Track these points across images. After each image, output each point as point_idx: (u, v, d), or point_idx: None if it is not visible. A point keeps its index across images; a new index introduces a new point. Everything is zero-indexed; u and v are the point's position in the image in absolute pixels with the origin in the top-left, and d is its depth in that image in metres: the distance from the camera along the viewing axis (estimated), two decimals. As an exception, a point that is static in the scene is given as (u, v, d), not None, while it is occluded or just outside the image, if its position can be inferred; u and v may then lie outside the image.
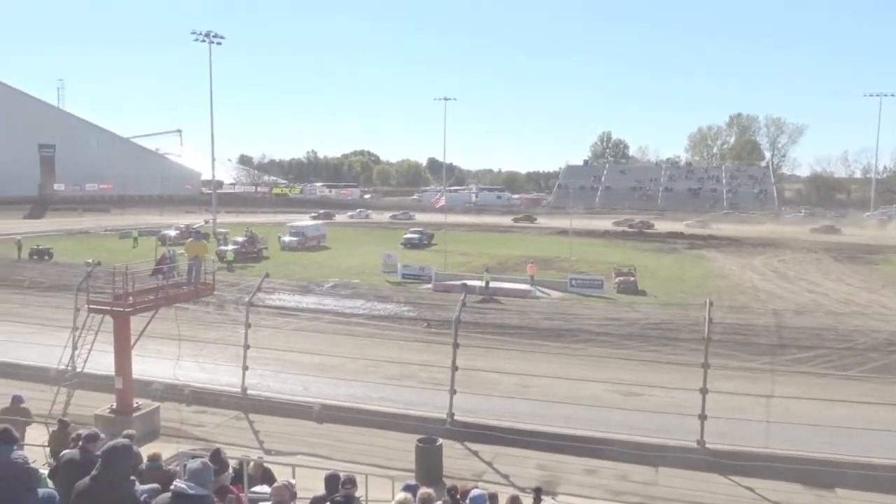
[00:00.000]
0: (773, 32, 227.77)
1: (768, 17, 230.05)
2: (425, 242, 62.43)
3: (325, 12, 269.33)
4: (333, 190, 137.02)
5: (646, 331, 29.72)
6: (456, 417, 17.24)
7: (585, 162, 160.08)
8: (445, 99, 77.00)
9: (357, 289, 39.02)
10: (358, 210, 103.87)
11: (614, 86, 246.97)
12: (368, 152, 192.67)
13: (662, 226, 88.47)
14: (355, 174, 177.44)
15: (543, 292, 39.70)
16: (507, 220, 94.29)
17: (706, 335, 16.01)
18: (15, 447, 6.02)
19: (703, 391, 15.45)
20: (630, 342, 27.47)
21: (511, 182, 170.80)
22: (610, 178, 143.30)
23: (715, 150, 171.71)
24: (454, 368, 17.29)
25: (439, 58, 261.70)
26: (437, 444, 14.97)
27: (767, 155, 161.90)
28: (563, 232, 65.72)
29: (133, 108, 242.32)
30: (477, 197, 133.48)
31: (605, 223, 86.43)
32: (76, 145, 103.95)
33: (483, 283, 37.96)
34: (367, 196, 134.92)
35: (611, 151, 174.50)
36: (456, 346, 17.47)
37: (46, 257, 48.67)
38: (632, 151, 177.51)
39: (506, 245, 64.50)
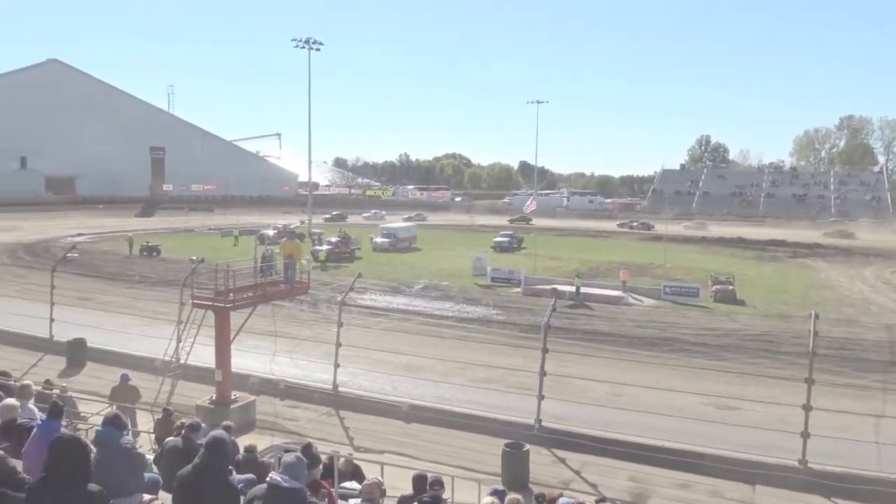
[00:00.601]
0: (888, 27, 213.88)
1: (884, 9, 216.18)
2: (515, 246, 62.17)
3: (419, 18, 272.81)
4: (425, 192, 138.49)
5: (744, 342, 28.49)
6: (544, 423, 17.06)
7: (682, 166, 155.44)
8: (538, 102, 76.41)
9: (447, 291, 39.23)
10: (373, 211, 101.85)
11: (714, 88, 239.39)
12: (460, 155, 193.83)
13: (765, 232, 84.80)
14: (447, 177, 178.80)
15: (636, 299, 38.74)
16: (601, 225, 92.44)
17: (811, 349, 15.21)
18: (125, 432, 6.37)
19: (807, 408, 14.69)
20: (727, 353, 26.41)
21: (604, 186, 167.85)
22: (708, 183, 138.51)
23: (823, 155, 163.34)
24: (543, 374, 17.13)
25: (532, 61, 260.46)
26: (524, 449, 14.85)
27: (881, 159, 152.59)
28: (658, 237, 64.00)
29: (236, 112, 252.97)
30: (568, 201, 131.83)
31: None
32: (184, 148, 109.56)
33: (573, 289, 37.43)
34: (457, 199, 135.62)
35: (709, 156, 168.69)
36: (545, 351, 17.31)
37: (155, 254, 51.44)
38: (732, 156, 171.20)
39: (597, 250, 63.39)
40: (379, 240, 59.48)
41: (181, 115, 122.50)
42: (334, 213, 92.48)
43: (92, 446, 4.08)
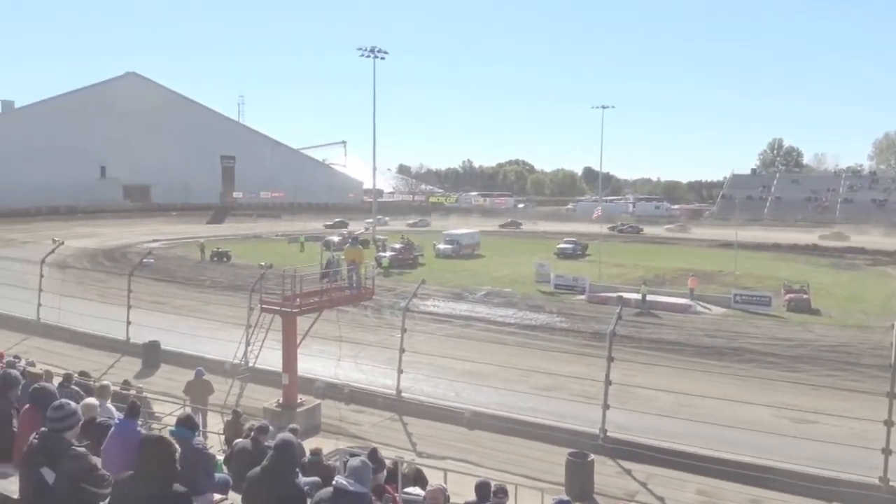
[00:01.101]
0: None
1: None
2: (579, 253, 61.45)
3: (481, 25, 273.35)
4: (488, 199, 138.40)
5: (819, 353, 27.43)
6: (609, 433, 16.79)
7: (753, 171, 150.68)
8: (603, 107, 75.16)
9: (509, 297, 39.10)
10: (378, 217, 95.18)
11: (787, 90, 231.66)
12: (523, 161, 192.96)
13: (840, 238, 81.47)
14: (510, 183, 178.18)
15: (704, 307, 37.76)
16: (667, 232, 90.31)
17: (893, 361, 14.51)
18: (197, 433, 6.56)
19: (888, 423, 14.02)
20: (801, 365, 25.49)
21: (671, 192, 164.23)
22: (780, 188, 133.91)
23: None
24: (608, 382, 16.87)
25: (597, 65, 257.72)
26: (589, 459, 14.65)
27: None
28: (728, 244, 62.22)
29: (303, 120, 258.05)
30: (634, 207, 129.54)
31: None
32: (253, 157, 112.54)
33: (639, 296, 36.77)
34: (520, 205, 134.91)
35: (782, 160, 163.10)
36: (610, 359, 17.05)
37: (225, 259, 52.92)
38: (806, 160, 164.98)
39: (664, 257, 62.09)
40: (442, 246, 59.70)
41: (251, 124, 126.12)
42: (336, 220, 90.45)
43: (177, 447, 4.22)
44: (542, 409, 18.87)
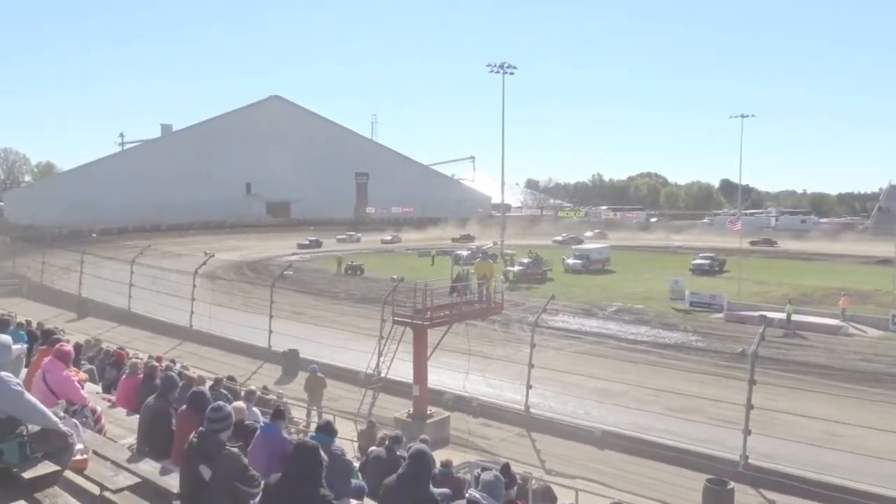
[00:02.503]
0: None
1: None
2: (716, 269, 58.58)
3: (609, 36, 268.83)
4: (618, 213, 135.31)
5: None
6: (750, 460, 15.90)
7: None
8: (742, 116, 71.52)
9: (641, 314, 37.93)
10: (347, 234, 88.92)
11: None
12: (655, 174, 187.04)
13: None
14: (641, 197, 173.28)
15: (858, 329, 34.91)
16: (815, 247, 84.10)
17: None
18: (335, 439, 6.82)
19: None
20: (973, 395, 22.99)
21: (818, 204, 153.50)
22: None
23: None
24: (749, 406, 16.01)
25: (734, 74, 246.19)
26: (729, 487, 13.92)
27: None
28: (885, 261, 57.25)
29: (432, 136, 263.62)
30: (777, 221, 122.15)
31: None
32: (385, 173, 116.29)
33: (784, 316, 34.56)
34: (653, 219, 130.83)
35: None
36: (752, 382, 16.18)
37: (359, 272, 54.87)
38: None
39: (811, 274, 57.96)
40: (571, 261, 58.87)
41: (383, 141, 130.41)
42: (310, 239, 78.11)
43: (324, 455, 4.42)
44: (676, 431, 18.14)
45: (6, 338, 5.41)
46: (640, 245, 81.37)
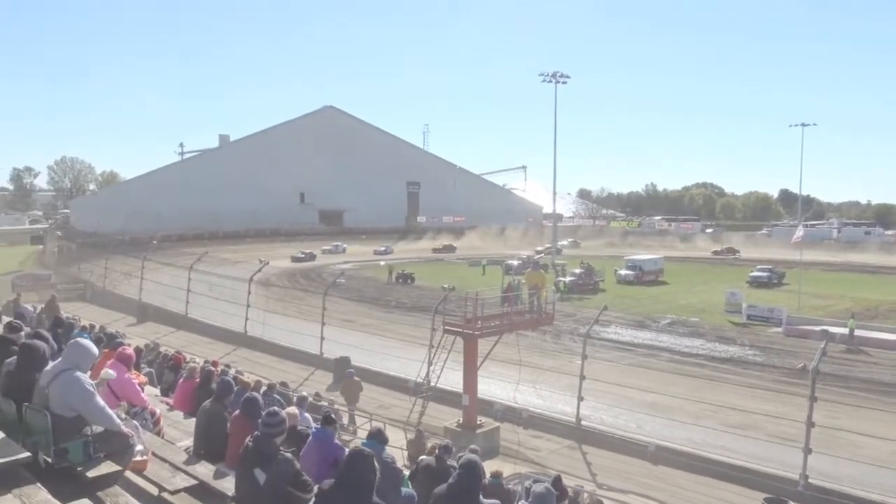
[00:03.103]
0: None
1: None
2: (775, 281, 57.00)
3: (664, 44, 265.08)
4: (672, 223, 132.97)
5: None
6: (810, 480, 15.35)
7: None
8: (803, 125, 69.78)
9: (696, 327, 37.15)
10: (334, 244, 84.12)
11: None
12: (711, 184, 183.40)
13: None
14: (696, 207, 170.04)
15: (926, 346, 33.46)
16: (882, 259, 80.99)
17: None
18: (386, 447, 6.84)
19: None
20: None
21: (884, 216, 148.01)
22: None
23: None
24: (810, 424, 15.48)
25: (794, 82, 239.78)
26: (788, 507, 13.47)
27: None
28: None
29: (484, 146, 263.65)
30: (839, 232, 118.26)
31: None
32: (436, 182, 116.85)
33: (847, 331, 33.37)
34: (708, 230, 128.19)
35: None
36: (813, 398, 15.65)
37: (409, 281, 55.20)
38: None
39: (877, 288, 55.83)
40: (623, 272, 58.11)
41: (435, 151, 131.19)
42: (304, 252, 74.12)
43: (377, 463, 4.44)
44: (733, 447, 17.68)
45: (87, 342, 5.61)
46: (695, 256, 79.69)
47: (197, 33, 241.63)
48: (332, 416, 7.17)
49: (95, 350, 5.66)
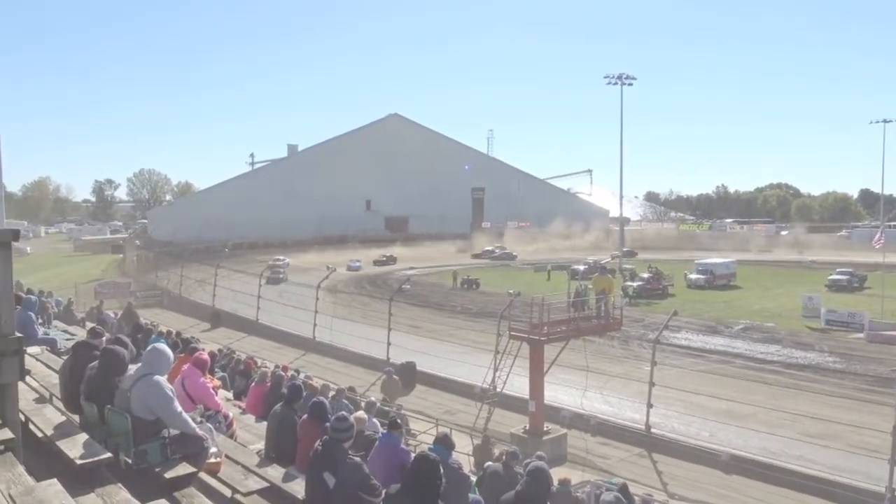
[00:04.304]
0: None
1: None
2: (856, 285, 54.60)
3: (733, 40, 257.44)
4: (745, 226, 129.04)
5: None
6: (898, 494, 14.61)
7: None
8: (885, 121, 66.62)
9: (772, 333, 35.89)
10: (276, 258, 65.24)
11: None
12: (786, 185, 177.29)
13: None
14: (770, 209, 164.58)
15: None
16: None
17: None
18: (452, 452, 6.85)
19: None
20: None
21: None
22: None
23: None
24: (896, 435, 14.72)
25: (874, 75, 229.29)
26: (873, 521, 12.85)
27: None
28: None
29: (548, 150, 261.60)
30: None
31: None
32: (501, 188, 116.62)
33: (936, 337, 31.71)
34: (783, 232, 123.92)
35: None
36: (900, 408, 14.88)
37: (474, 287, 55.18)
38: None
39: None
40: (694, 276, 56.68)
41: (499, 156, 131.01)
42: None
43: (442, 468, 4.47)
44: (812, 458, 16.99)
45: (164, 347, 5.84)
46: (769, 260, 77.06)
47: (266, 49, 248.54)
48: (398, 421, 7.22)
49: (171, 354, 5.87)
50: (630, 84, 71.62)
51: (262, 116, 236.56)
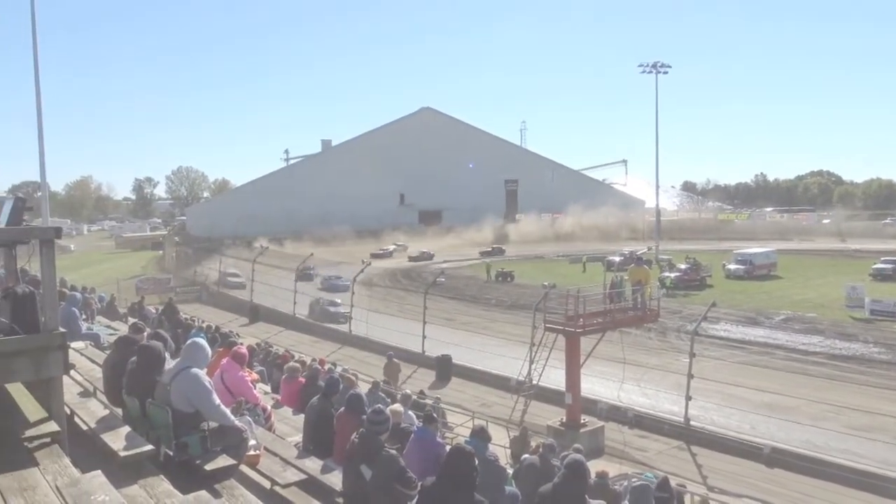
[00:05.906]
0: None
1: None
2: (902, 274, 53.08)
3: (771, 29, 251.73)
4: (785, 214, 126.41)
5: None
6: (948, 488, 14.20)
7: None
8: (931, 105, 64.35)
9: (814, 324, 35.14)
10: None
11: None
12: (828, 172, 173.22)
13: None
14: (811, 197, 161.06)
15: None
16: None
17: None
18: (489, 445, 6.83)
19: None
20: None
21: None
22: None
23: None
24: (946, 427, 14.31)
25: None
26: (922, 515, 12.51)
27: None
28: None
29: (582, 141, 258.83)
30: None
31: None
32: (535, 179, 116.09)
33: (985, 326, 30.74)
34: (825, 221, 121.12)
35: None
36: (948, 400, 14.46)
37: (509, 279, 55.06)
38: None
39: None
40: (733, 266, 55.71)
41: (532, 147, 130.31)
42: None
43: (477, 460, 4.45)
44: (858, 451, 16.61)
45: (201, 341, 5.92)
46: (811, 249, 75.38)
47: (301, 45, 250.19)
48: (434, 414, 7.22)
49: (209, 348, 5.95)
50: (665, 72, 70.70)
51: (297, 113, 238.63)
